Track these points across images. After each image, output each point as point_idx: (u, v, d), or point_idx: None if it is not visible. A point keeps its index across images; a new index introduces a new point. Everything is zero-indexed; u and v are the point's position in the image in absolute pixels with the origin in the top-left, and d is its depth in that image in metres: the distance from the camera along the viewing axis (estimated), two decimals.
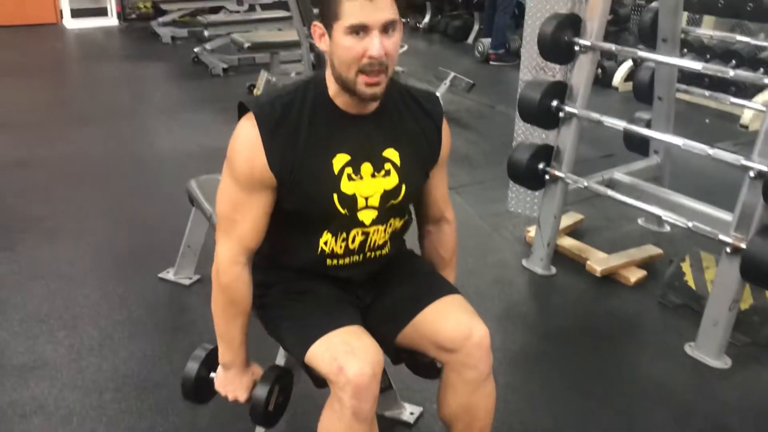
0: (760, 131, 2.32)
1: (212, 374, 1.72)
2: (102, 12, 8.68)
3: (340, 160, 1.53)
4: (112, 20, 8.67)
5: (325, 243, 1.60)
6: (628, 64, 5.92)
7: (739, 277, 2.35)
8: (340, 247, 1.61)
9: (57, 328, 2.58)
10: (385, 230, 1.64)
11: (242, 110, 1.53)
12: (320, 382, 1.55)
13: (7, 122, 4.98)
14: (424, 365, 1.78)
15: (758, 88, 5.00)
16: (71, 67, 7.18)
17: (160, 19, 7.98)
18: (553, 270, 3.07)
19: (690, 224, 2.51)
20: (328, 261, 1.62)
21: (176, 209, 3.17)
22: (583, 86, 2.83)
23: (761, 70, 4.99)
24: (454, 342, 1.59)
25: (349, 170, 1.53)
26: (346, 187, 1.54)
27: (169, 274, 2.91)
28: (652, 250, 3.14)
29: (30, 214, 3.51)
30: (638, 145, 3.39)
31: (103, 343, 2.50)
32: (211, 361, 1.71)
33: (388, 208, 1.60)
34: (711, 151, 2.45)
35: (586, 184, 2.90)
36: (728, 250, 2.38)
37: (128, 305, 2.74)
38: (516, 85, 3.41)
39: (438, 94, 4.83)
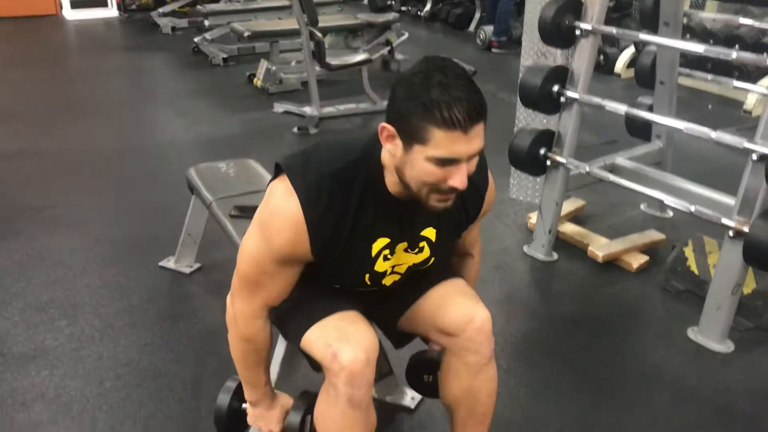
0: (763, 114, 2.31)
1: (244, 405, 1.71)
2: (102, 3, 8.66)
3: (379, 243, 1.48)
4: (112, 11, 8.66)
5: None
6: (630, 51, 5.88)
7: (741, 261, 2.34)
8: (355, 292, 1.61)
9: (57, 317, 2.58)
10: (403, 281, 1.62)
11: (278, 170, 1.43)
12: (317, 366, 1.54)
13: (8, 113, 4.98)
14: (429, 385, 1.77)
15: (762, 72, 4.97)
16: (71, 58, 7.16)
17: (160, 10, 7.98)
18: (555, 256, 3.06)
19: (692, 208, 2.50)
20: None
21: (176, 198, 3.17)
22: (584, 71, 2.80)
23: (765, 54, 4.96)
24: (456, 326, 1.58)
25: (386, 252, 1.50)
26: (380, 266, 1.51)
27: (170, 263, 2.90)
28: (654, 235, 3.12)
29: (31, 204, 3.51)
30: (640, 130, 3.37)
31: (103, 332, 2.50)
32: (242, 392, 1.69)
33: (412, 272, 1.59)
34: (714, 134, 2.43)
35: (587, 169, 2.88)
36: (731, 234, 2.36)
37: (129, 294, 2.73)
38: (518, 72, 3.38)
39: None
